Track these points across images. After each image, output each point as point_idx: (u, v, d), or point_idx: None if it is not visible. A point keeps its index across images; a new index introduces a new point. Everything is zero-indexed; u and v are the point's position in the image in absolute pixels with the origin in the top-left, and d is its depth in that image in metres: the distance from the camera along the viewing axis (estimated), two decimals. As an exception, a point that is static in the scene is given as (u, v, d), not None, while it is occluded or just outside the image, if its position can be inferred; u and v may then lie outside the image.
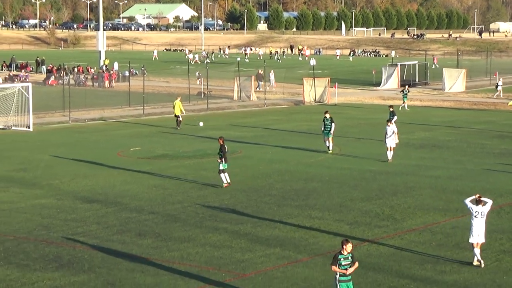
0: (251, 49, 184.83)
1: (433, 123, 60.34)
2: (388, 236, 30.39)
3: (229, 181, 38.58)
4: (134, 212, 33.91)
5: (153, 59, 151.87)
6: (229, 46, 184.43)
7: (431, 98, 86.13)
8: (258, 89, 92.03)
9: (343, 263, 20.39)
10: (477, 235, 24.97)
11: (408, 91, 74.23)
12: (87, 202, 35.80)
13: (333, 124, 48.19)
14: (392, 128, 45.01)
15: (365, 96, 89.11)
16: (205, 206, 35.04)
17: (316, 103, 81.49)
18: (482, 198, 25.14)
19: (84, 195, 37.27)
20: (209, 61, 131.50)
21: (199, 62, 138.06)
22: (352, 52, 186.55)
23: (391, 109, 54.75)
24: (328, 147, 48.62)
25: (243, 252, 28.07)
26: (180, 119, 61.15)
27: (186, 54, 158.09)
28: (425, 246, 28.98)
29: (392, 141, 45.08)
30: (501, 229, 31.20)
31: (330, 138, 48.55)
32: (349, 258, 20.57)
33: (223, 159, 38.38)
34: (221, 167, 38.50)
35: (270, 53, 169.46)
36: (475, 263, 25.68)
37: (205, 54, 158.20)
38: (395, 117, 52.87)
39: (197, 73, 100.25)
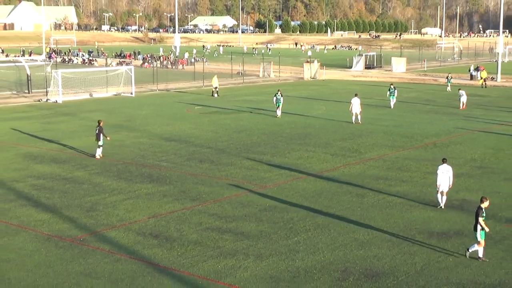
0: (272, 45, 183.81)
1: (384, 92, 59.88)
2: (356, 162, 30.38)
3: (100, 155, 31.23)
4: (197, 147, 34.02)
5: (221, 52, 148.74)
6: (220, 44, 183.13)
7: (384, 76, 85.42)
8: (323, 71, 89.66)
9: (483, 214, 17.80)
10: (442, 186, 22.58)
11: (451, 77, 67.64)
12: (168, 141, 35.94)
13: (282, 98, 44.83)
14: (357, 100, 41.92)
15: (342, 74, 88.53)
16: (242, 143, 35.11)
17: (311, 79, 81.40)
18: (446, 160, 23.13)
19: (166, 136, 37.41)
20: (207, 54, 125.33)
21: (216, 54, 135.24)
22: (334, 47, 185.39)
23: (392, 86, 51.10)
24: (277, 114, 44.66)
25: (265, 172, 28.15)
26: (217, 89, 60.27)
27: (205, 48, 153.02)
28: (379, 169, 28.96)
29: (358, 109, 41.96)
30: (426, 159, 31.13)
31: (280, 108, 44.71)
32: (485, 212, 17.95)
33: (100, 138, 30.90)
34: (99, 143, 31.07)
35: (253, 47, 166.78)
36: (442, 206, 22.92)
37: (208, 48, 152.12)
38: (396, 91, 50.46)
39: (204, 59, 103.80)
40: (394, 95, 50.26)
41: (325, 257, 17.96)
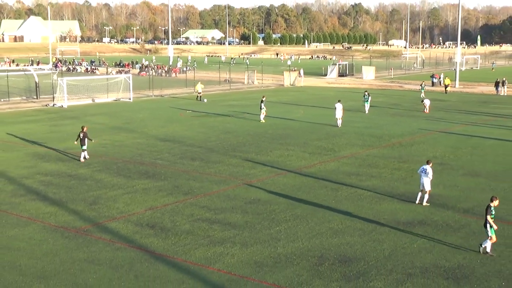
0: (255, 55, 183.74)
1: (356, 97, 60.15)
2: (331, 160, 30.45)
3: (86, 157, 30.13)
4: (189, 146, 33.95)
5: (205, 62, 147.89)
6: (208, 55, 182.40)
7: (355, 83, 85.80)
8: (301, 78, 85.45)
9: (493, 212, 16.97)
10: (423, 185, 21.94)
11: (425, 85, 65.59)
12: (163, 141, 35.84)
13: (262, 105, 43.82)
14: (339, 105, 41.46)
15: (318, 82, 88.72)
16: (229, 143, 35.08)
17: (291, 86, 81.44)
18: (429, 161, 22.43)
19: (161, 137, 37.31)
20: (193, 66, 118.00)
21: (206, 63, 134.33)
22: (310, 57, 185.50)
23: (366, 93, 50.32)
24: (261, 118, 43.92)
25: (250, 169, 28.14)
26: (200, 95, 60.72)
27: (188, 60, 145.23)
28: (351, 166, 29.05)
29: (340, 113, 41.23)
30: (392, 156, 31.28)
31: (264, 112, 44.02)
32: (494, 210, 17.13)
33: (85, 142, 29.87)
34: (83, 148, 29.92)
35: (237, 56, 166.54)
36: (417, 202, 22.14)
37: (190, 59, 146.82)
38: (370, 98, 49.93)
39: (189, 68, 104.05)
40: (368, 101, 49.97)
41: (304, 244, 17.99)
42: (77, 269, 16.12)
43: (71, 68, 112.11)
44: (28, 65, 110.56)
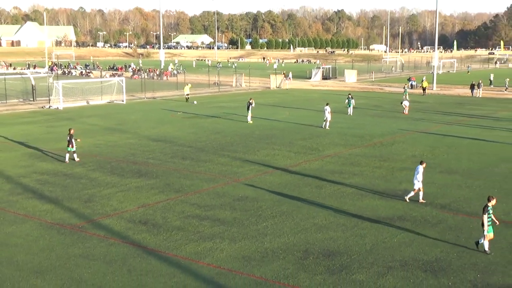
0: (240, 59, 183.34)
1: (339, 99, 60.26)
2: (315, 159, 30.50)
3: (66, 161, 29.18)
4: (180, 146, 33.86)
5: (193, 65, 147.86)
6: (199, 58, 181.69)
7: (338, 85, 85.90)
8: (286, 81, 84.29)
9: (490, 212, 16.69)
10: (414, 183, 21.81)
11: (407, 88, 64.08)
12: (155, 141, 35.72)
13: (251, 107, 43.95)
14: (327, 108, 41.23)
15: (303, 84, 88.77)
16: (218, 143, 35.03)
17: (277, 88, 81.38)
18: (422, 162, 22.18)
19: (153, 137, 37.17)
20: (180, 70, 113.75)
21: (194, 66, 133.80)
22: (295, 61, 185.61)
23: (350, 96, 49.84)
24: (248, 120, 43.81)
25: (238, 168, 28.11)
26: (188, 96, 61.01)
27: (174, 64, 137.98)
28: (335, 164, 29.10)
29: (328, 116, 41.00)
30: (374, 155, 31.36)
31: (250, 113, 43.93)
32: (492, 209, 16.96)
33: (72, 144, 29.04)
34: (70, 149, 29.13)
35: (227, 61, 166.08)
36: (420, 201, 21.99)
37: (177, 63, 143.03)
38: (353, 100, 49.70)
39: (176, 71, 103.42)
40: (351, 104, 49.70)
41: (289, 239, 18.01)
42: (73, 264, 16.04)
43: (67, 72, 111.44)
44: (25, 69, 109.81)
